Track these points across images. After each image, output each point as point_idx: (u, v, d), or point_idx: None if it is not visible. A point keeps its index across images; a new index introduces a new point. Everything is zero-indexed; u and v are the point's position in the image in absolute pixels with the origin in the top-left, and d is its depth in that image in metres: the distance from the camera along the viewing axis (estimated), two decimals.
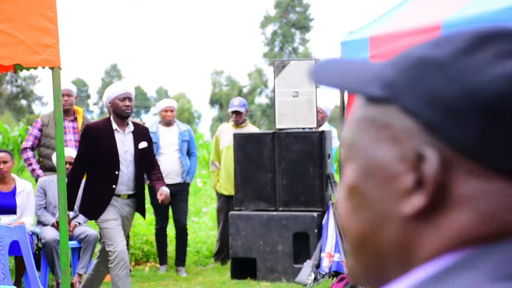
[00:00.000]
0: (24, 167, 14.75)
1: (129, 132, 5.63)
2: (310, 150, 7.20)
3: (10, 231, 4.84)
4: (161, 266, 7.77)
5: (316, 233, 7.03)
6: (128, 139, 5.61)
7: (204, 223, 10.26)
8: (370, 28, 6.69)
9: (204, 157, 15.98)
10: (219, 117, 49.62)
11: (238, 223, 7.28)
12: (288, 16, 54.87)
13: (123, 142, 5.57)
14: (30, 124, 19.50)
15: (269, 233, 7.18)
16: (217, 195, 8.17)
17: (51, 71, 4.44)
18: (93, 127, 5.63)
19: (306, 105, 7.26)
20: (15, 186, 6.56)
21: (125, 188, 5.57)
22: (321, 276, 6.84)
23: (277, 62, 7.40)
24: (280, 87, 7.31)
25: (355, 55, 6.72)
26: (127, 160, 5.56)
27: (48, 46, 4.36)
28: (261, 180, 7.34)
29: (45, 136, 7.14)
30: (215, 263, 8.07)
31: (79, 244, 6.74)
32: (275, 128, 7.37)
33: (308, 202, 7.20)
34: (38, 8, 4.34)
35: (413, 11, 6.34)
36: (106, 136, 5.52)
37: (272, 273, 7.15)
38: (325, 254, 6.92)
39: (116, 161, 5.52)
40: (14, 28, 4.27)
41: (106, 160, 5.50)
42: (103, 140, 5.50)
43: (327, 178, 7.24)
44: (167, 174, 7.58)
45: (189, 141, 7.75)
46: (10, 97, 45.71)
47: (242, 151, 7.41)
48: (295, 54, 53.54)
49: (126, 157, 5.56)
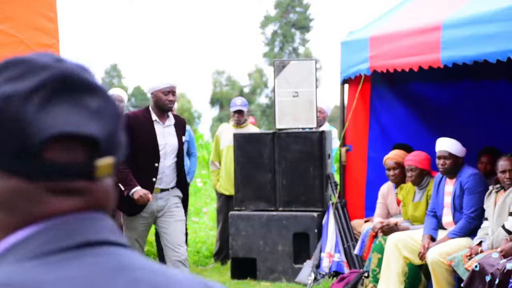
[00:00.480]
0: None
1: (170, 125, 5.41)
2: (310, 150, 7.20)
3: None
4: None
5: (316, 233, 7.02)
6: (168, 131, 5.39)
7: (204, 223, 10.26)
8: (370, 28, 6.69)
9: (204, 157, 15.96)
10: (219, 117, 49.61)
11: (238, 223, 7.27)
12: (288, 16, 54.87)
13: (162, 133, 5.35)
14: None
15: (269, 233, 7.18)
16: (217, 194, 8.18)
17: None
18: (131, 116, 5.34)
19: (306, 105, 7.25)
20: None
21: (165, 181, 5.36)
22: (321, 276, 6.83)
23: (277, 62, 7.40)
24: (280, 87, 7.31)
25: (355, 55, 6.72)
26: (167, 153, 5.34)
27: (48, 46, 4.36)
28: (261, 180, 7.34)
29: None
30: (215, 263, 8.07)
31: None
32: (275, 128, 7.37)
33: (308, 202, 7.20)
34: (38, 8, 4.34)
35: (413, 11, 6.34)
36: (146, 127, 5.29)
37: (272, 273, 7.15)
38: (325, 254, 6.91)
39: (156, 153, 5.29)
40: (14, 28, 4.27)
41: (145, 152, 5.25)
42: (142, 131, 5.26)
43: (327, 178, 7.23)
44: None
45: (189, 142, 7.74)
46: None
47: (242, 151, 7.41)
48: (295, 54, 53.54)
49: (166, 150, 5.34)
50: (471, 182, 5.61)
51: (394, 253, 5.82)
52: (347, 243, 6.88)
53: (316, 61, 7.41)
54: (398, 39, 6.05)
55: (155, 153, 5.28)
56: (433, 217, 5.86)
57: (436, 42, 5.45)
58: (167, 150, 5.34)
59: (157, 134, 5.31)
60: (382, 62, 6.26)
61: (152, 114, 5.34)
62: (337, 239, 6.93)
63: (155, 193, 5.29)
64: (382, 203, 6.62)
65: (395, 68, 6.10)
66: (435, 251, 5.48)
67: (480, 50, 5.09)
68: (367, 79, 6.99)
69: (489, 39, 4.99)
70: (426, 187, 6.17)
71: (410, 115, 7.19)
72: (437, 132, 6.90)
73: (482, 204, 5.54)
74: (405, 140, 6.94)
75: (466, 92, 7.00)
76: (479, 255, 5.11)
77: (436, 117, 7.08)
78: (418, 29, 5.78)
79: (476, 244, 5.32)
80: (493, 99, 6.91)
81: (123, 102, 7.52)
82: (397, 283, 5.79)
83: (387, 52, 6.20)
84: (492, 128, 6.89)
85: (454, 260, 5.30)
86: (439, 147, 5.78)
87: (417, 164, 6.09)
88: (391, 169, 6.40)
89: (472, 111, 6.98)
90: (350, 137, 7.24)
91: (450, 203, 5.74)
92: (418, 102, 7.18)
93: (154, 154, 5.28)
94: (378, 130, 7.22)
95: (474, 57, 5.16)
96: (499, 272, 4.69)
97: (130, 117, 5.30)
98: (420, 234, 5.83)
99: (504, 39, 4.86)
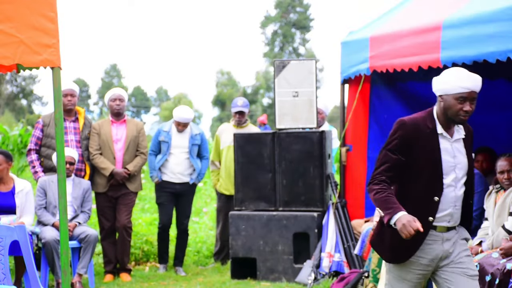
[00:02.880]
0: (24, 167, 14.75)
1: (459, 139, 3.84)
2: (310, 150, 7.20)
3: (10, 231, 4.83)
4: (160, 265, 7.78)
5: (316, 233, 7.03)
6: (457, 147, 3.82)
7: (204, 223, 10.26)
8: (370, 28, 6.69)
9: None
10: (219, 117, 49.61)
11: (238, 223, 7.28)
12: (289, 16, 54.86)
13: (448, 151, 3.78)
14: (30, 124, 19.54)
15: (269, 233, 7.18)
16: (217, 194, 8.19)
17: (51, 71, 4.44)
18: (410, 124, 3.80)
19: (306, 105, 7.26)
20: (14, 186, 6.56)
21: (455, 217, 3.79)
22: (321, 276, 6.84)
23: (277, 62, 7.40)
24: (280, 87, 7.32)
25: (355, 55, 6.72)
26: (458, 178, 3.79)
27: (48, 46, 4.36)
28: (261, 180, 7.34)
29: (46, 136, 7.14)
30: (215, 263, 8.08)
31: (79, 244, 6.74)
32: (275, 128, 7.38)
33: (308, 202, 7.20)
34: (38, 8, 4.34)
35: (413, 11, 6.34)
36: (427, 141, 3.76)
37: (272, 273, 7.15)
38: (325, 254, 6.92)
39: (439, 180, 3.73)
40: (14, 28, 4.27)
41: (424, 177, 3.73)
42: (422, 147, 3.73)
43: (327, 178, 7.24)
44: (173, 174, 7.63)
45: (201, 145, 7.75)
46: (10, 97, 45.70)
47: (242, 151, 7.42)
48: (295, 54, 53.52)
49: (457, 173, 3.78)
50: None
51: None
52: (347, 243, 6.88)
53: (316, 61, 7.41)
54: (398, 39, 6.05)
55: (437, 179, 3.73)
56: None
57: (436, 42, 5.45)
58: (458, 174, 3.78)
59: (441, 152, 3.77)
60: (382, 62, 6.25)
61: (438, 125, 3.80)
62: (337, 239, 6.93)
63: (440, 232, 3.76)
64: None
65: (395, 68, 6.10)
66: None
67: (480, 50, 5.08)
68: (366, 79, 6.99)
69: (489, 39, 4.99)
70: None
71: (410, 114, 7.17)
72: None
73: (482, 204, 5.54)
74: None
75: None
76: (479, 255, 5.11)
77: None
78: (418, 29, 5.77)
79: (476, 244, 5.32)
80: (493, 98, 6.91)
81: (124, 102, 7.52)
82: None
83: (387, 52, 6.20)
84: (491, 128, 6.89)
85: None
86: None
87: None
88: None
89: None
90: (350, 137, 7.25)
91: None
92: (418, 102, 7.17)
93: (435, 181, 3.73)
94: (377, 130, 7.22)
95: (474, 57, 5.16)
96: (499, 272, 4.69)
97: (409, 126, 3.80)
98: None
99: (504, 39, 4.86)
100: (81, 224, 6.86)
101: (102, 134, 7.35)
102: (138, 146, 7.44)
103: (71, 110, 7.21)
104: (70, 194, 6.81)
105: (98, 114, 53.26)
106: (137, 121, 7.62)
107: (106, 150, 7.33)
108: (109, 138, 7.35)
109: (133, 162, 7.37)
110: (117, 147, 7.37)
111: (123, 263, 7.43)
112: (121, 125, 7.46)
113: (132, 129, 7.43)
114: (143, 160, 7.45)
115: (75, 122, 7.27)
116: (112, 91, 7.59)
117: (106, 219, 7.41)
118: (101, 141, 7.33)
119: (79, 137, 7.22)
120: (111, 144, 7.34)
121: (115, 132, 7.41)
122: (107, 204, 7.40)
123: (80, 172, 7.20)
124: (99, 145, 7.33)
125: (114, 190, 7.37)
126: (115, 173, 7.26)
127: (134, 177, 7.42)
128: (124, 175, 7.29)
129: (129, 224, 7.41)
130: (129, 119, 7.55)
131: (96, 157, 7.28)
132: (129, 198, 7.42)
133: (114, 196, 7.39)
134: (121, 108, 7.45)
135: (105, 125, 7.42)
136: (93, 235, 6.69)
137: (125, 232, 7.39)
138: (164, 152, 7.64)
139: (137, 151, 7.44)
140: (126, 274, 7.37)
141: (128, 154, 7.37)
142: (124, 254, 7.42)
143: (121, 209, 7.38)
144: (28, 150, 7.18)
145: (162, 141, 7.65)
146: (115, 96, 7.48)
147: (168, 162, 7.64)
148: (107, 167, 7.25)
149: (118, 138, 7.40)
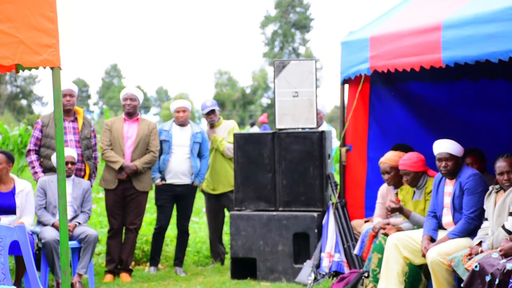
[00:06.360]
0: (24, 167, 14.75)
1: None
2: (310, 150, 7.20)
3: (10, 231, 4.83)
4: (151, 267, 7.75)
5: (316, 233, 7.03)
6: None
7: (204, 223, 10.26)
8: (370, 28, 6.68)
9: None
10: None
11: (238, 223, 7.28)
12: (289, 16, 54.87)
13: None
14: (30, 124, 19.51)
15: (269, 233, 7.18)
16: (204, 195, 8.20)
17: (51, 71, 4.44)
18: None
19: (306, 105, 7.25)
20: (14, 186, 6.56)
21: None
22: (321, 276, 6.84)
23: (277, 62, 7.40)
24: (280, 87, 7.31)
25: (355, 55, 6.72)
26: None
27: (48, 46, 4.36)
28: (261, 180, 7.34)
29: (45, 136, 7.14)
30: (215, 263, 8.08)
31: (79, 244, 6.74)
32: (275, 128, 7.38)
33: (308, 202, 7.20)
34: (38, 8, 4.34)
35: (413, 11, 6.33)
36: None
37: (272, 273, 7.15)
38: (325, 254, 6.91)
39: None
40: (14, 28, 4.27)
41: None
42: None
43: (327, 178, 7.24)
44: (175, 174, 7.63)
45: (201, 143, 7.77)
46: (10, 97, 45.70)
47: (242, 151, 7.42)
48: (295, 54, 53.52)
49: None
50: (471, 182, 5.60)
51: (394, 253, 5.82)
52: (347, 243, 6.88)
53: (316, 61, 7.41)
54: (399, 39, 6.04)
55: None
56: (433, 218, 5.86)
57: (437, 42, 5.44)
58: None
59: None
60: (382, 62, 6.24)
61: None
62: (337, 239, 6.93)
63: None
64: (381, 203, 6.62)
65: (395, 68, 6.09)
66: (435, 251, 5.47)
67: (481, 50, 5.07)
68: (366, 79, 6.99)
69: (489, 39, 4.98)
70: (424, 186, 6.17)
71: (409, 114, 7.18)
72: (436, 131, 6.90)
73: (482, 204, 5.54)
74: (404, 140, 6.93)
75: (465, 92, 6.99)
76: (479, 255, 5.10)
77: (435, 116, 7.07)
78: (419, 29, 5.76)
79: (476, 244, 5.32)
80: (493, 98, 6.91)
81: (135, 101, 7.52)
82: (397, 283, 5.79)
83: (387, 52, 6.19)
84: (491, 128, 6.89)
85: (454, 260, 5.30)
86: (438, 150, 5.75)
87: (409, 168, 6.10)
88: (385, 173, 6.41)
89: (470, 110, 6.98)
90: (350, 137, 7.24)
91: (449, 203, 5.74)
92: (417, 102, 7.18)
93: None
94: (377, 130, 7.22)
95: (476, 57, 5.15)
96: (499, 272, 4.69)
97: None
98: (420, 234, 5.83)
99: (505, 39, 4.85)
100: (81, 224, 6.85)
101: (114, 130, 7.42)
102: (149, 145, 7.47)
103: (70, 110, 7.21)
104: (70, 194, 6.81)
105: (98, 114, 53.24)
106: (150, 121, 7.63)
107: (116, 147, 7.39)
108: (120, 135, 7.39)
109: (142, 158, 7.40)
110: (127, 144, 7.42)
111: (126, 263, 7.44)
112: (133, 123, 7.51)
113: (143, 128, 7.47)
114: (152, 158, 7.45)
115: (74, 122, 7.27)
116: (125, 90, 7.64)
117: (114, 218, 7.43)
118: (112, 138, 7.41)
119: (78, 137, 7.22)
120: (121, 141, 7.39)
121: (126, 130, 7.46)
122: (117, 204, 7.42)
123: (80, 172, 7.20)
124: (110, 141, 7.39)
125: (123, 189, 7.38)
126: (124, 166, 7.31)
127: (142, 175, 7.43)
128: (133, 168, 7.31)
129: (137, 226, 7.44)
130: (142, 118, 7.58)
131: (106, 151, 7.37)
132: (138, 199, 7.45)
133: (124, 195, 7.40)
134: (132, 108, 7.49)
135: (118, 122, 7.50)
136: (93, 235, 6.69)
137: (133, 233, 7.42)
138: (166, 151, 7.65)
139: (147, 150, 7.47)
140: (126, 274, 7.37)
141: (137, 152, 7.41)
142: (129, 254, 7.44)
143: (130, 210, 7.41)
144: (28, 150, 7.18)
145: (163, 140, 7.66)
146: (127, 95, 7.52)
147: (170, 162, 7.65)
148: (117, 160, 7.31)
149: (129, 135, 7.45)
